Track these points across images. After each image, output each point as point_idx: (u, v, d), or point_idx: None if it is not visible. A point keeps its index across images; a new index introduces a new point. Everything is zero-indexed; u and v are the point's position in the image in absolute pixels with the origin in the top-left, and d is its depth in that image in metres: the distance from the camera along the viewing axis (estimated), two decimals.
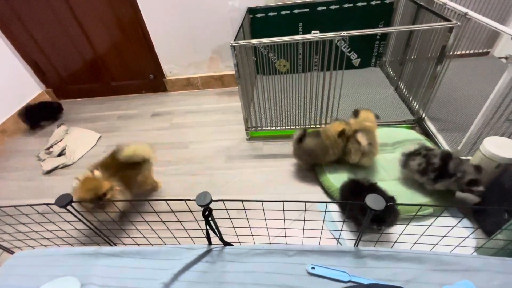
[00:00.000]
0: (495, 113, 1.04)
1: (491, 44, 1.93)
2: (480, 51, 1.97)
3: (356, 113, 1.28)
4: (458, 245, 0.75)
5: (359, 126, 1.23)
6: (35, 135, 2.02)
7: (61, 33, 2.03)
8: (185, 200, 0.68)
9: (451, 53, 1.21)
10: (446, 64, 1.24)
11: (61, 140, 1.85)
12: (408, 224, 0.72)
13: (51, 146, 1.81)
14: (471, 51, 1.96)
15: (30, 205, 0.76)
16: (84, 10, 1.92)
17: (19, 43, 2.09)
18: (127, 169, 1.14)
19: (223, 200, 0.65)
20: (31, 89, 2.28)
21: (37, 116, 2.09)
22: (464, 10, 1.12)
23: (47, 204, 0.73)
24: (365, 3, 1.74)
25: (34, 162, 1.75)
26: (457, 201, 1.13)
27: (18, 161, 1.80)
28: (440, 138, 1.35)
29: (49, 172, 1.65)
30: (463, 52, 1.95)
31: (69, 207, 0.74)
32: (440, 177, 1.06)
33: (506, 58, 0.87)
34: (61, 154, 1.75)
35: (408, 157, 1.15)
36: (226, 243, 0.85)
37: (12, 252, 0.95)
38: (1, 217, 0.81)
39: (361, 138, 1.16)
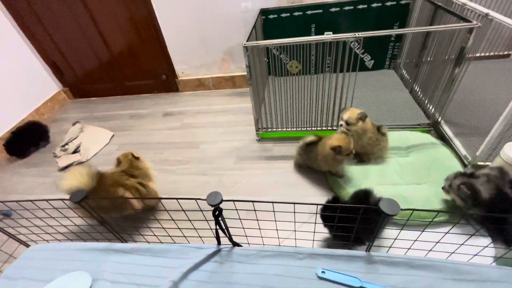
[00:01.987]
0: None
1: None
2: (500, 53, 1.90)
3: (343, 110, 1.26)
4: (476, 254, 0.72)
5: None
6: (52, 134, 2.09)
7: (78, 34, 2.09)
8: (196, 199, 0.68)
9: (470, 55, 1.17)
10: (464, 66, 1.20)
11: (76, 137, 1.90)
12: (423, 231, 0.70)
13: (67, 144, 1.86)
14: (491, 53, 1.90)
15: (46, 200, 0.78)
16: (101, 12, 1.97)
17: (39, 44, 2.17)
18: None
19: (233, 200, 0.65)
20: (49, 88, 2.36)
21: (24, 143, 1.85)
22: (485, 10, 1.08)
23: (62, 199, 0.75)
24: (380, 4, 1.71)
25: (50, 159, 1.81)
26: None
27: (35, 157, 1.86)
28: (457, 143, 1.30)
29: (64, 168, 1.70)
30: (482, 55, 1.89)
31: (83, 203, 0.76)
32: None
33: None
34: (76, 151, 1.80)
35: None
36: (235, 244, 0.85)
37: (27, 245, 0.98)
38: (19, 211, 0.83)
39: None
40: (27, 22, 2.05)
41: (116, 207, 0.97)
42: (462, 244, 0.68)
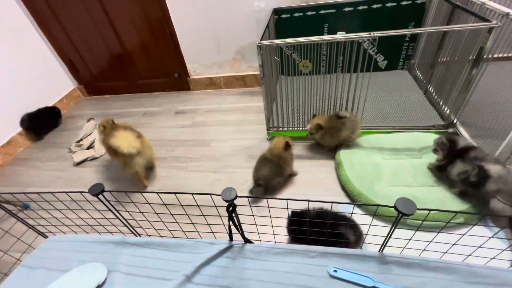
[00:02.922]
0: None
1: None
2: None
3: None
4: (493, 258, 0.70)
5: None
6: (68, 129, 2.14)
7: (94, 32, 2.14)
8: (210, 194, 0.69)
9: (489, 56, 1.14)
10: (482, 67, 1.18)
11: (90, 133, 1.94)
12: (439, 232, 0.69)
13: (81, 140, 1.91)
14: (509, 54, 1.84)
15: (66, 192, 0.80)
16: (116, 10, 2.01)
17: (56, 42, 2.23)
18: (111, 148, 1.38)
19: (248, 197, 0.66)
20: (65, 85, 2.42)
21: (40, 123, 2.05)
22: (506, 10, 1.05)
23: (81, 192, 0.77)
24: (395, 4, 1.69)
25: (66, 154, 1.86)
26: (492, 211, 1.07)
27: (52, 152, 1.92)
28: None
29: (79, 163, 1.74)
30: (500, 55, 1.83)
31: (100, 196, 0.78)
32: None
33: None
34: (90, 147, 1.84)
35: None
36: (247, 240, 0.85)
37: (45, 236, 1.01)
38: (38, 203, 0.86)
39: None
40: (45, 19, 2.11)
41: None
42: (479, 246, 0.67)
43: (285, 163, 1.29)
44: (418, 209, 0.57)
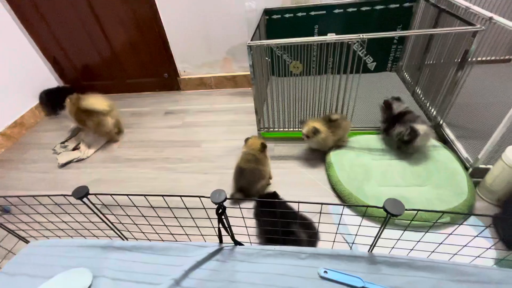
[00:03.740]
0: None
1: None
2: (502, 58, 1.91)
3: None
4: (478, 256, 0.72)
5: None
6: (52, 129, 2.08)
7: (80, 30, 2.09)
8: (199, 196, 0.68)
9: (473, 59, 1.18)
10: (467, 69, 1.21)
11: (77, 134, 1.89)
12: (426, 232, 0.70)
13: (67, 140, 1.85)
14: (492, 58, 1.91)
15: (48, 196, 0.77)
16: (104, 8, 1.97)
17: (40, 39, 2.16)
18: (83, 114, 1.66)
19: (237, 199, 0.65)
20: (49, 84, 2.34)
21: (56, 100, 2.14)
22: (489, 14, 1.08)
23: (64, 195, 0.74)
24: (383, 7, 1.72)
25: (50, 155, 1.80)
26: (478, 212, 1.10)
27: (35, 154, 1.85)
28: (458, 145, 1.31)
29: (64, 165, 1.69)
30: (483, 58, 1.89)
31: (85, 199, 0.75)
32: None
33: None
34: (76, 148, 1.79)
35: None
36: (237, 243, 0.84)
37: (27, 242, 0.97)
38: (19, 206, 0.83)
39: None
40: (28, 16, 2.04)
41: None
42: (465, 245, 0.68)
43: (262, 165, 1.27)
44: (406, 210, 0.58)
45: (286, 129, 1.59)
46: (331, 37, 1.17)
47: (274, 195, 1.17)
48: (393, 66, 2.00)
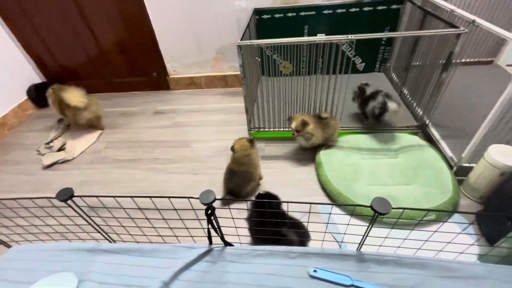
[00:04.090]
0: (500, 120, 1.03)
1: (495, 53, 1.94)
2: (484, 59, 1.97)
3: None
4: (462, 252, 0.74)
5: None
6: (36, 129, 2.01)
7: (66, 27, 2.03)
8: (188, 197, 0.67)
9: (457, 61, 1.21)
10: (452, 71, 1.24)
11: (62, 135, 1.84)
12: (412, 230, 0.71)
13: (52, 141, 1.80)
14: (475, 59, 1.96)
15: (30, 198, 0.75)
16: (91, 5, 1.92)
17: (23, 36, 2.09)
18: (63, 104, 1.73)
19: (227, 199, 0.65)
20: (32, 83, 2.27)
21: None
22: (472, 17, 1.12)
23: (47, 198, 0.72)
24: (371, 8, 1.74)
25: (34, 156, 1.74)
26: (462, 209, 1.13)
27: (18, 155, 1.79)
28: (443, 145, 1.34)
29: (48, 166, 1.64)
30: (467, 60, 1.95)
31: (69, 202, 0.73)
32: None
33: None
34: (61, 149, 1.74)
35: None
36: (227, 243, 0.84)
37: (9, 246, 0.94)
38: (0, 210, 0.80)
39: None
40: (10, 12, 1.97)
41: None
42: (449, 242, 0.70)
43: (253, 167, 1.27)
44: (393, 208, 0.58)
45: (277, 129, 1.59)
46: (319, 37, 1.18)
47: (272, 196, 1.12)
48: (381, 67, 2.04)
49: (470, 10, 1.61)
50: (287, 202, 0.67)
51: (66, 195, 0.71)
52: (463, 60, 1.91)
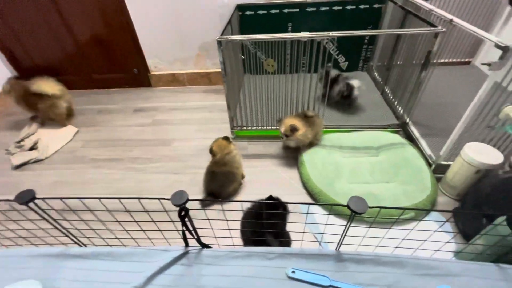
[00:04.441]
0: (475, 119, 1.05)
1: (473, 54, 2.00)
2: (462, 60, 2.02)
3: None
4: (438, 250, 0.74)
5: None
6: (4, 127, 1.90)
7: (39, 20, 1.92)
8: (159, 198, 0.64)
9: (435, 61, 1.23)
10: (430, 70, 1.26)
11: (34, 133, 1.74)
12: (390, 228, 0.71)
13: (23, 140, 1.70)
14: (454, 60, 2.02)
15: None
16: None
17: None
18: (33, 97, 1.66)
19: (200, 200, 0.62)
20: (3, 78, 2.13)
21: None
22: (450, 16, 1.13)
23: (5, 201, 0.67)
24: (354, 7, 1.75)
25: (3, 156, 1.64)
26: (438, 207, 1.15)
27: None
28: (423, 143, 1.36)
29: (19, 166, 1.55)
30: (446, 61, 2.00)
31: (31, 204, 0.68)
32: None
33: (489, 64, 0.88)
34: (33, 148, 1.65)
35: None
36: (204, 245, 0.81)
37: None
38: None
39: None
40: None
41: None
42: (426, 240, 0.70)
43: (236, 167, 1.25)
44: (370, 207, 0.57)
45: (260, 127, 1.57)
46: (301, 34, 1.17)
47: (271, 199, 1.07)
48: (364, 66, 2.06)
49: (449, 10, 1.65)
50: (263, 201, 0.64)
51: (26, 197, 0.66)
52: (442, 60, 1.97)
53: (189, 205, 0.64)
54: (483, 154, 1.04)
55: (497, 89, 0.96)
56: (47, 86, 1.63)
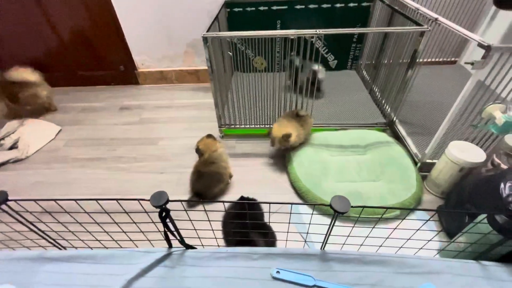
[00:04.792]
0: (459, 118, 1.07)
1: (458, 53, 2.03)
2: (448, 59, 2.06)
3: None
4: (421, 248, 0.75)
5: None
6: None
7: (21, 15, 1.85)
8: (138, 199, 0.61)
9: (421, 60, 1.23)
10: (416, 69, 1.27)
11: (14, 131, 1.68)
12: (373, 227, 0.71)
13: (3, 138, 1.64)
14: (440, 59, 2.05)
15: None
16: None
17: None
18: (13, 87, 1.67)
19: (181, 201, 0.60)
20: None
21: None
22: (435, 15, 1.14)
23: None
24: (343, 5, 1.75)
25: None
26: (422, 205, 1.16)
27: None
28: (409, 141, 1.38)
29: None
30: (433, 60, 2.03)
31: (3, 206, 0.65)
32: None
33: (472, 63, 0.89)
34: (13, 147, 1.59)
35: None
36: (188, 246, 0.79)
37: None
38: None
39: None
40: None
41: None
42: (409, 238, 0.70)
43: (223, 167, 1.23)
44: (352, 206, 0.57)
45: (248, 126, 1.56)
46: (287, 31, 1.16)
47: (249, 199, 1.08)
48: (353, 65, 2.06)
49: (435, 9, 1.67)
50: (246, 202, 0.63)
51: None
52: (428, 60, 2.00)
53: (172, 205, 0.63)
54: (467, 152, 1.05)
55: (480, 88, 0.97)
56: (25, 74, 1.65)
